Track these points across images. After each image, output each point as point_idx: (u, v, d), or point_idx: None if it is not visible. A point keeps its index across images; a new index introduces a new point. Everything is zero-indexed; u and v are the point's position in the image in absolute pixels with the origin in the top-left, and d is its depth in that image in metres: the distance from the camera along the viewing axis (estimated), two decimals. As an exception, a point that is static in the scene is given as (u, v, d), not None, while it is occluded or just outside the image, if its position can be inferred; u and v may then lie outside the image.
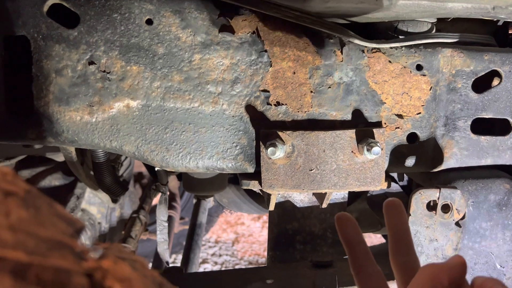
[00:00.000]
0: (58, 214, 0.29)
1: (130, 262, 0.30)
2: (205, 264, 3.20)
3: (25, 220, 0.25)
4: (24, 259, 0.22)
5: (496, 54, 0.87)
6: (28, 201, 0.28)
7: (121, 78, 0.81)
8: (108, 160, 1.14)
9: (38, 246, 0.24)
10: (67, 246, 0.26)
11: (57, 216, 0.29)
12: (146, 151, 0.83)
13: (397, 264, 0.57)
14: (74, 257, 0.26)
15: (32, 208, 0.27)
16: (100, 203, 1.63)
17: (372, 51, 0.84)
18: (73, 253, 0.26)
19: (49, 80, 0.79)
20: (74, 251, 0.26)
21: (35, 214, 0.27)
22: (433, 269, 0.50)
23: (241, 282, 0.93)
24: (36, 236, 0.25)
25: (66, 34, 0.79)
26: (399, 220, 0.60)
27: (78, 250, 0.27)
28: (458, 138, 0.89)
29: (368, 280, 0.57)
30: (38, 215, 0.27)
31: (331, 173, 0.83)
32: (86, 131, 0.82)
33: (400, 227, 0.59)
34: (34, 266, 0.22)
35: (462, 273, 0.51)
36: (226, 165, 0.86)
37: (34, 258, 0.23)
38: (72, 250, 0.26)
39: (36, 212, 0.27)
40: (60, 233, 0.27)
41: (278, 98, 0.84)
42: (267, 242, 1.11)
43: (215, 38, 0.81)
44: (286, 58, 0.83)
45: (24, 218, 0.25)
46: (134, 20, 0.79)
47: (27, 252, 0.23)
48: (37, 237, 0.25)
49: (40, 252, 0.24)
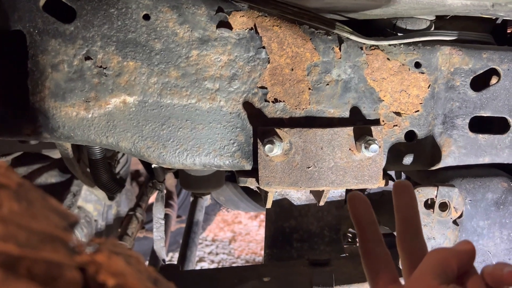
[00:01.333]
0: (51, 207, 0.29)
1: (124, 257, 0.29)
2: (201, 263, 3.19)
3: (17, 213, 0.25)
4: (15, 251, 0.22)
5: (494, 52, 0.86)
6: (20, 194, 0.27)
7: (118, 74, 0.80)
8: (104, 157, 1.13)
9: (29, 239, 0.23)
10: (59, 239, 0.26)
11: (50, 210, 0.29)
12: (142, 147, 0.83)
13: (404, 248, 0.55)
14: (67, 250, 0.25)
15: (25, 201, 0.27)
16: (97, 200, 1.63)
17: (370, 48, 0.84)
18: (65, 247, 0.25)
19: (45, 75, 0.78)
20: (67, 244, 0.26)
21: (27, 207, 0.26)
22: (442, 253, 0.49)
23: (238, 280, 0.92)
24: (28, 228, 0.24)
25: (62, 29, 0.78)
26: (408, 203, 0.57)
27: (71, 244, 0.27)
28: (456, 136, 0.89)
29: (375, 262, 0.55)
30: (31, 208, 0.27)
31: (328, 170, 0.83)
32: (82, 127, 0.81)
33: (409, 210, 0.57)
34: (25, 259, 0.22)
35: (471, 259, 0.50)
36: (223, 162, 0.85)
37: (25, 250, 0.22)
38: (65, 244, 0.26)
39: (29, 205, 0.27)
40: (52, 226, 0.26)
41: (276, 95, 0.84)
42: (264, 240, 1.11)
43: (213, 34, 0.81)
44: (284, 55, 0.83)
45: (15, 211, 0.25)
46: (131, 15, 0.79)
47: (18, 244, 0.22)
48: (29, 230, 0.24)
49: (32, 244, 0.23)
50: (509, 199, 0.90)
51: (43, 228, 0.25)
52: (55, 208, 0.29)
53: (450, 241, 0.88)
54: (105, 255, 0.27)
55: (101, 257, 0.27)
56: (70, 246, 0.26)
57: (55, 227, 0.26)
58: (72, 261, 0.25)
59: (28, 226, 0.24)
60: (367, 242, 0.57)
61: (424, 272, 0.49)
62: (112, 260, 0.27)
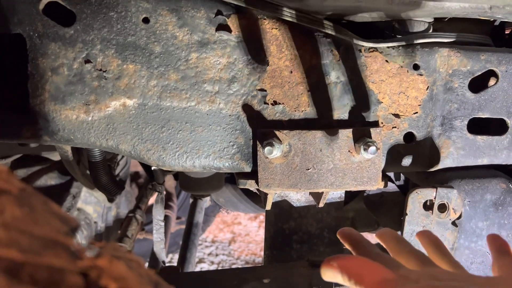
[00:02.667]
0: (53, 212, 0.29)
1: (125, 261, 0.29)
2: (201, 264, 3.19)
3: (19, 218, 0.25)
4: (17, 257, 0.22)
5: (492, 54, 0.87)
6: (22, 199, 0.27)
7: (118, 77, 0.80)
8: (104, 159, 1.14)
9: (32, 245, 0.24)
10: (62, 244, 0.26)
11: (52, 215, 0.29)
12: (142, 150, 0.83)
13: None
14: (69, 255, 0.26)
15: (27, 207, 0.27)
16: (96, 202, 1.63)
17: (369, 51, 0.84)
18: (68, 252, 0.26)
19: (45, 79, 0.79)
20: (69, 249, 0.26)
21: (30, 212, 0.26)
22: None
23: (238, 282, 0.92)
24: (30, 234, 0.24)
25: (62, 32, 0.78)
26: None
27: (73, 249, 0.27)
28: (455, 137, 0.89)
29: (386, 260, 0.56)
30: (33, 213, 0.27)
31: (328, 172, 0.83)
32: (82, 130, 0.81)
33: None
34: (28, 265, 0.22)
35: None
36: (223, 164, 0.85)
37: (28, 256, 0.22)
38: (67, 249, 0.26)
39: (31, 210, 0.27)
40: (54, 232, 0.26)
41: (275, 97, 0.84)
42: (264, 241, 1.11)
43: (212, 37, 0.81)
44: (283, 57, 0.83)
45: (18, 216, 0.25)
46: (131, 19, 0.79)
47: (21, 250, 0.22)
48: (31, 235, 0.24)
49: (34, 250, 0.23)
50: (507, 200, 0.90)
51: (45, 234, 0.25)
52: (57, 213, 0.29)
53: (449, 242, 0.88)
54: (106, 259, 0.28)
55: (102, 261, 0.27)
56: (72, 251, 0.27)
57: (57, 232, 0.27)
58: (74, 266, 0.25)
59: (30, 231, 0.25)
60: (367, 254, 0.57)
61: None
62: (114, 264, 0.27)
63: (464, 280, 0.46)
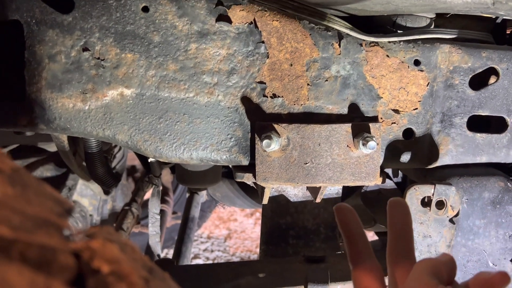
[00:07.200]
0: (46, 193, 0.28)
1: (119, 245, 0.29)
2: (196, 260, 3.19)
3: (11, 197, 0.24)
4: (8, 234, 0.21)
5: (494, 52, 0.86)
6: (15, 178, 0.27)
7: (116, 66, 0.79)
8: (101, 150, 1.13)
9: (23, 223, 0.23)
10: (54, 224, 0.25)
11: (46, 195, 0.28)
12: (139, 140, 0.82)
13: (394, 264, 0.54)
14: (61, 236, 0.25)
15: (19, 186, 0.26)
16: (92, 195, 1.62)
17: (370, 45, 0.83)
18: (60, 232, 0.25)
19: (42, 66, 0.78)
20: (62, 230, 0.26)
21: (22, 192, 0.26)
22: (432, 260, 0.50)
23: (233, 275, 0.92)
24: (22, 212, 0.24)
25: (60, 19, 0.77)
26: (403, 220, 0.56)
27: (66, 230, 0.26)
28: (454, 135, 0.88)
29: (365, 275, 0.54)
30: (25, 192, 0.26)
31: (326, 167, 0.83)
32: (78, 118, 0.80)
33: (403, 228, 0.56)
34: (19, 243, 0.21)
35: (454, 269, 0.51)
36: (220, 157, 0.85)
37: (19, 234, 0.22)
38: (60, 229, 0.25)
39: (23, 189, 0.26)
40: (47, 212, 0.26)
41: (275, 90, 0.83)
42: (260, 236, 1.10)
43: (212, 28, 0.80)
44: (283, 50, 0.82)
45: (9, 195, 0.24)
46: (130, 7, 0.78)
47: (11, 227, 0.22)
48: (23, 214, 0.24)
49: (26, 228, 0.23)
50: (505, 198, 0.90)
51: (37, 213, 0.25)
52: (50, 194, 0.29)
53: (446, 239, 0.88)
54: (99, 242, 0.27)
55: (95, 243, 0.27)
56: (65, 232, 0.26)
57: (50, 212, 0.26)
58: (66, 247, 0.24)
59: (22, 210, 0.24)
60: (357, 255, 0.56)
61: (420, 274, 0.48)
62: (107, 247, 0.27)
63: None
